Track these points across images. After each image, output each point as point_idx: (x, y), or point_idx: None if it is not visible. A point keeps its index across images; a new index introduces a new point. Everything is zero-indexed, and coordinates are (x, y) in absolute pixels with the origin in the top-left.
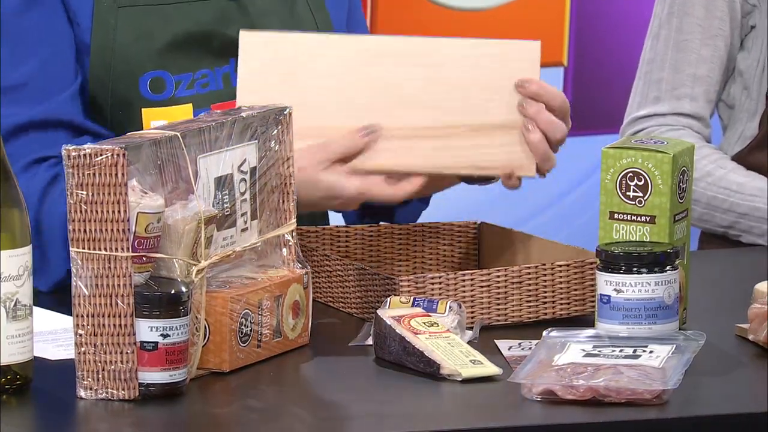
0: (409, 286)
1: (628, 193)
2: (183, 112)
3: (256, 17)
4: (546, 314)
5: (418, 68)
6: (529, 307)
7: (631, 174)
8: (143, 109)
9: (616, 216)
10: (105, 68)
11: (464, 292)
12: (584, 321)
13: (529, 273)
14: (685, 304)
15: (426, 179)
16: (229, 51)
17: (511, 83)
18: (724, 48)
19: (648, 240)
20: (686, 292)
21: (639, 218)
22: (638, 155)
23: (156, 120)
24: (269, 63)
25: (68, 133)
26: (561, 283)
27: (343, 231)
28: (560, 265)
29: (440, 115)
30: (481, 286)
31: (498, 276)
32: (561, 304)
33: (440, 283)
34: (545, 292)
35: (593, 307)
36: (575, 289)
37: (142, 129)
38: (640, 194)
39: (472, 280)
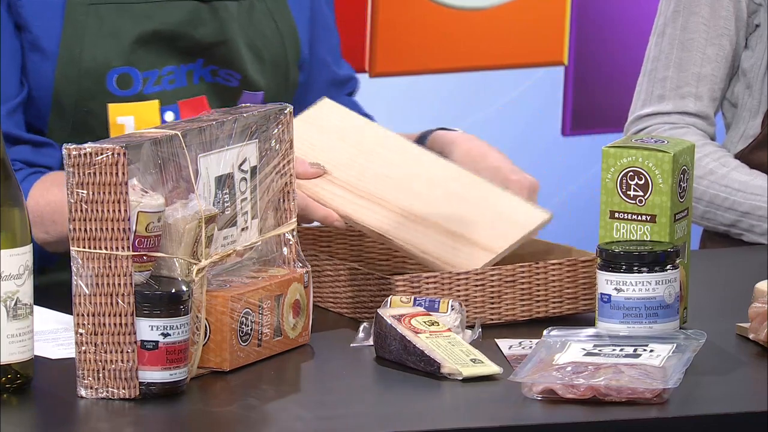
0: (404, 285)
1: (628, 193)
2: (150, 108)
3: (225, 21)
4: (539, 313)
5: (441, 188)
6: (523, 305)
7: (631, 173)
8: (109, 105)
9: (616, 215)
10: (74, 64)
11: (458, 291)
12: (578, 319)
13: (523, 272)
14: (686, 304)
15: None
16: (196, 51)
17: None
18: (730, 47)
19: (648, 239)
20: (687, 291)
21: (639, 217)
22: (639, 154)
23: (122, 116)
24: (328, 123)
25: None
26: (554, 281)
27: (325, 231)
28: (553, 264)
29: (437, 213)
30: (476, 285)
31: (492, 275)
32: (554, 302)
33: (435, 282)
34: (539, 290)
35: (586, 305)
36: (568, 288)
37: (107, 125)
38: (641, 193)
39: (467, 279)
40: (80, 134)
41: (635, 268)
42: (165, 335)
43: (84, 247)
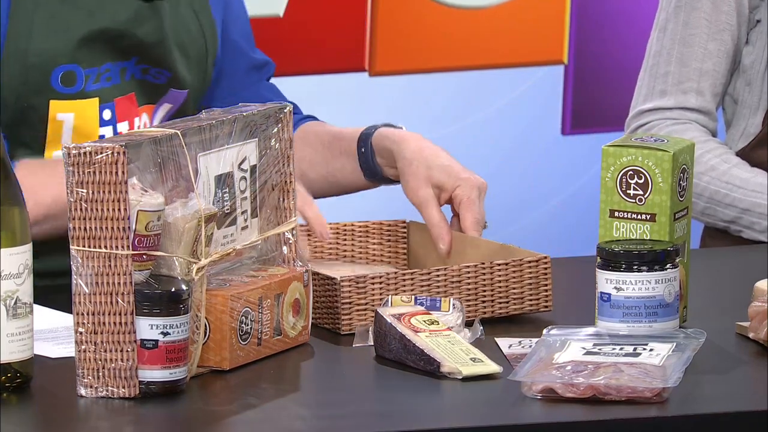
0: (349, 286)
1: (628, 191)
2: (90, 105)
3: (162, 20)
4: (485, 313)
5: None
6: (468, 305)
7: (631, 172)
8: (51, 101)
9: (616, 214)
10: (19, 58)
11: (404, 290)
12: (523, 319)
13: (468, 272)
14: (686, 302)
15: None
16: (134, 50)
17: None
18: (731, 42)
19: (648, 238)
20: (686, 290)
21: (639, 216)
22: (638, 153)
23: (63, 112)
24: None
25: None
26: (500, 282)
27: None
28: (499, 265)
29: None
30: (421, 286)
31: (438, 275)
32: (500, 303)
33: (380, 283)
34: (484, 291)
35: (532, 305)
36: (514, 288)
37: (47, 121)
38: (641, 192)
39: (412, 279)
40: (17, 127)
41: (635, 267)
42: (165, 334)
43: (84, 246)
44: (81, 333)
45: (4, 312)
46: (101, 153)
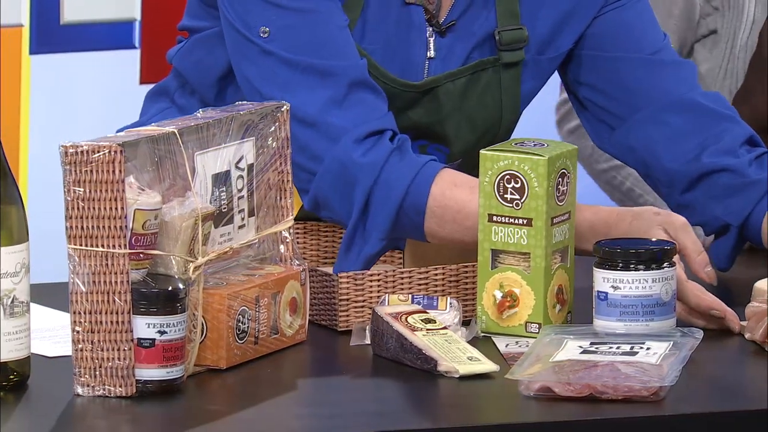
0: (348, 283)
1: (505, 196)
2: None
3: None
4: None
5: None
6: (465, 304)
7: (508, 176)
8: None
9: (494, 218)
10: None
11: (402, 286)
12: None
13: (467, 271)
14: (570, 307)
15: None
16: None
17: None
18: (677, 44)
19: (525, 243)
20: (571, 295)
21: (516, 221)
22: (515, 158)
23: None
24: None
25: None
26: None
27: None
28: (436, 271)
29: None
30: (419, 284)
31: (436, 274)
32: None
33: (378, 280)
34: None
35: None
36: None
37: None
38: (518, 197)
39: (410, 277)
40: None
41: (632, 265)
42: (162, 333)
43: (81, 245)
44: (78, 332)
45: (1, 311)
46: (98, 152)
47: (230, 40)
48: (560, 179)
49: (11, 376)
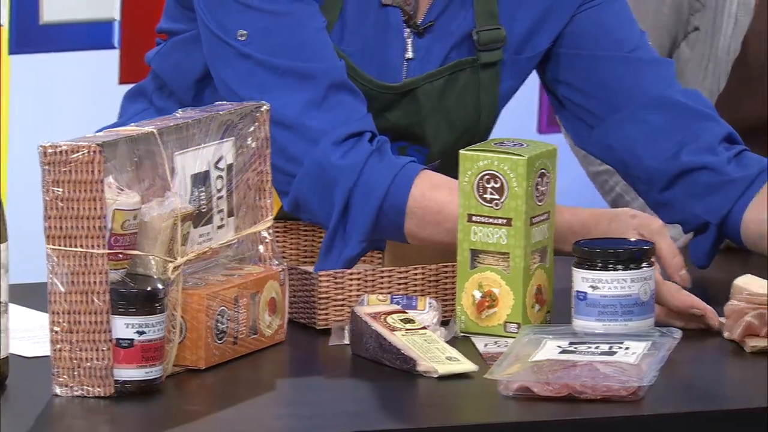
0: (327, 281)
1: (485, 196)
2: None
3: None
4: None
5: None
6: (445, 304)
7: (487, 176)
8: None
9: (474, 218)
10: None
11: (382, 285)
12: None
13: (446, 271)
14: (549, 307)
15: None
16: None
17: None
18: (668, 39)
19: (505, 242)
20: (551, 295)
21: (496, 221)
22: (494, 158)
23: None
24: None
25: None
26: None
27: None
28: (416, 270)
29: None
30: (399, 283)
31: (415, 273)
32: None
33: (358, 279)
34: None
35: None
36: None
37: None
38: (497, 197)
39: (390, 276)
40: None
41: (611, 265)
42: (140, 333)
43: (59, 245)
44: (56, 332)
45: None
46: (77, 152)
47: (207, 43)
48: (539, 179)
49: None
